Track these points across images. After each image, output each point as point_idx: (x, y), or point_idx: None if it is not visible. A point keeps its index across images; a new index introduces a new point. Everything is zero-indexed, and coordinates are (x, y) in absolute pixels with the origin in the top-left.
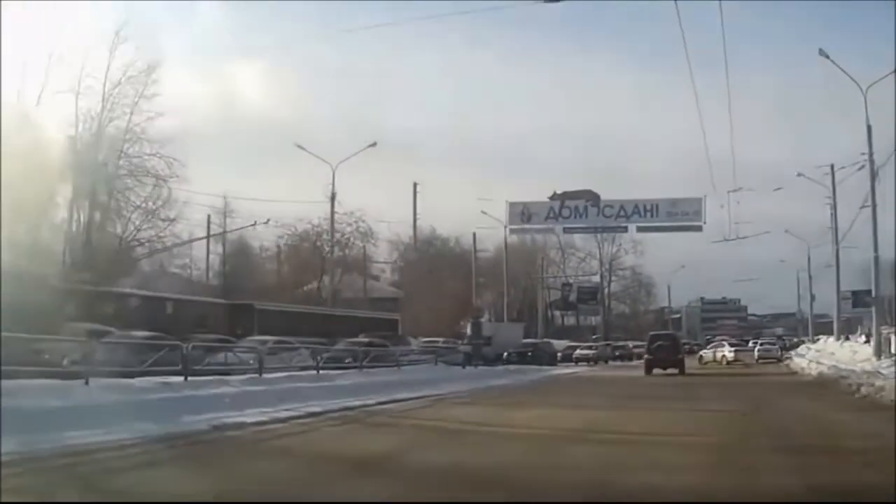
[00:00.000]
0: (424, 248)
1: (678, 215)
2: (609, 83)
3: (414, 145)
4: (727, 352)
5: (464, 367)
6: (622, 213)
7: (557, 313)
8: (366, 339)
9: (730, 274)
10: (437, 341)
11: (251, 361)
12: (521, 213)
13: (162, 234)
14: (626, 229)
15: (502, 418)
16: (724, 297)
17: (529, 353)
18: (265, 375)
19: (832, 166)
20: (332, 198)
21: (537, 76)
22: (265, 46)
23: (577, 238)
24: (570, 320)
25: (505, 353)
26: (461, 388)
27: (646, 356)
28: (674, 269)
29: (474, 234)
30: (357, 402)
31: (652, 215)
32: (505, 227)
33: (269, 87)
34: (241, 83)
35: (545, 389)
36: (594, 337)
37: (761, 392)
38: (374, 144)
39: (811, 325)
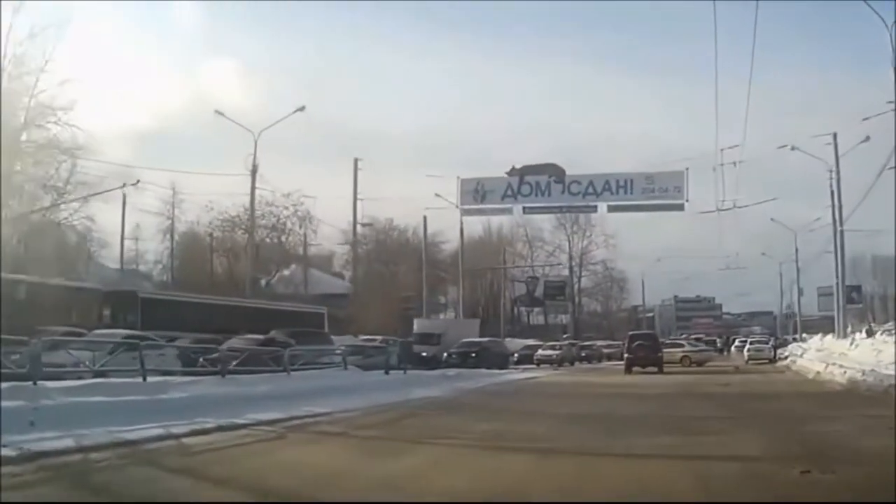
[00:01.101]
0: (380, 239)
1: (656, 192)
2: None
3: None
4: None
5: (387, 371)
6: (591, 189)
7: (526, 311)
8: (261, 337)
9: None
10: (376, 339)
11: (86, 362)
12: (475, 192)
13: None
14: (595, 209)
15: (354, 473)
16: (698, 296)
17: (473, 355)
18: (71, 383)
19: (835, 135)
20: (254, 171)
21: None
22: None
23: (546, 231)
24: (539, 318)
25: (445, 354)
26: (351, 404)
27: (626, 355)
28: (648, 263)
29: (424, 218)
30: (132, 435)
31: (626, 192)
32: (457, 206)
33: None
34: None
35: (475, 406)
36: (565, 336)
37: (788, 409)
38: (301, 109)
39: (799, 321)
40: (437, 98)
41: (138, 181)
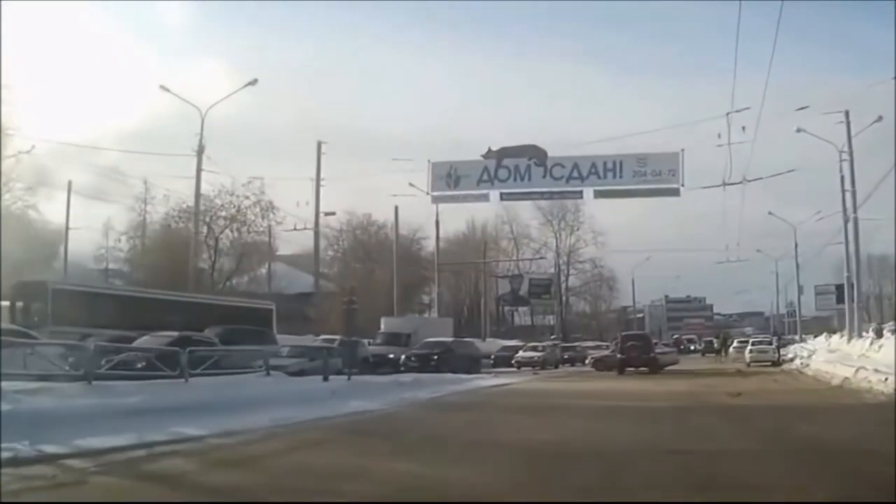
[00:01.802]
0: (358, 235)
1: (648, 175)
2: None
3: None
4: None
5: (325, 378)
6: (575, 173)
7: (510, 311)
8: (175, 335)
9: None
10: (335, 339)
11: None
12: (448, 176)
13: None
14: (580, 194)
15: None
16: (688, 296)
17: (435, 357)
18: None
19: (846, 112)
20: (200, 152)
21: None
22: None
23: (533, 228)
24: (527, 319)
25: (403, 357)
26: (251, 422)
27: (619, 356)
28: (638, 261)
29: (396, 209)
30: None
31: (614, 175)
32: (427, 193)
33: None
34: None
35: (409, 428)
36: (552, 337)
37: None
38: (253, 82)
39: (799, 321)
40: (435, 97)
41: (33, 146)
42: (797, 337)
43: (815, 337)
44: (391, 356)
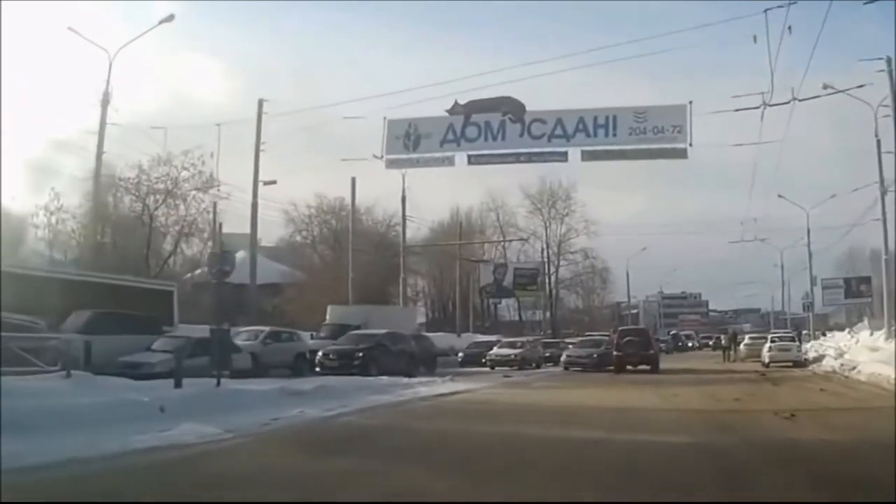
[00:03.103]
0: (327, 220)
1: (648, 133)
2: None
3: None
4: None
5: (178, 383)
6: (559, 131)
7: (504, 306)
8: None
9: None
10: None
11: None
12: (406, 136)
13: None
14: (564, 156)
15: None
16: (683, 292)
17: (360, 355)
18: None
19: (889, 59)
20: (105, 102)
21: None
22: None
23: (520, 216)
24: (519, 313)
25: (320, 354)
26: None
27: (615, 353)
28: (633, 251)
29: (353, 180)
30: None
31: (606, 133)
32: (380, 157)
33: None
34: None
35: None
36: (542, 333)
37: None
38: (169, 19)
39: (812, 317)
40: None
41: None
42: (808, 334)
43: (826, 334)
44: (331, 357)
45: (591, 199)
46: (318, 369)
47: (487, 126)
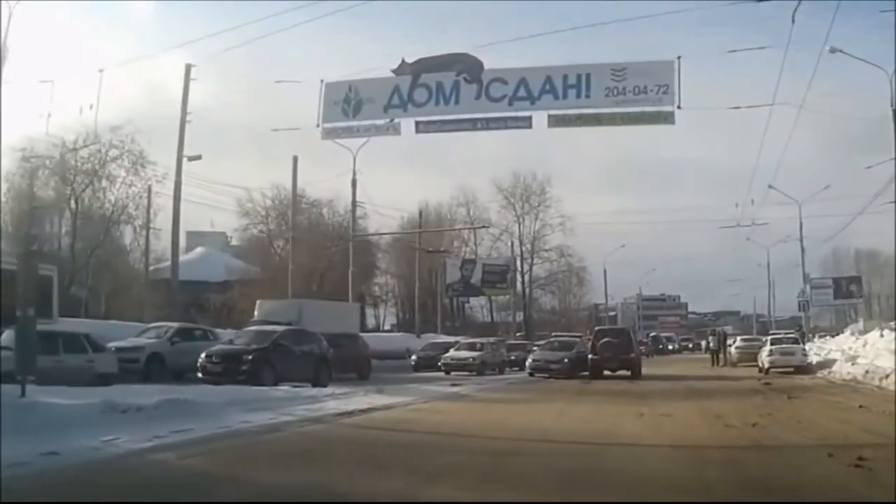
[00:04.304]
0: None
1: (628, 94)
2: None
3: None
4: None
5: None
6: (522, 92)
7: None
8: None
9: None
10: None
11: None
12: (346, 101)
13: None
14: (528, 122)
15: None
16: (662, 294)
17: (249, 358)
18: None
19: None
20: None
21: None
22: None
23: (492, 211)
24: (500, 315)
25: (203, 357)
26: None
27: (590, 356)
28: (611, 251)
29: (295, 159)
30: None
31: (578, 94)
32: (317, 125)
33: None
34: None
35: None
36: (518, 335)
37: None
38: None
39: (805, 317)
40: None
41: None
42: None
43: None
44: (249, 357)
45: (567, 192)
46: (200, 375)
47: (439, 88)
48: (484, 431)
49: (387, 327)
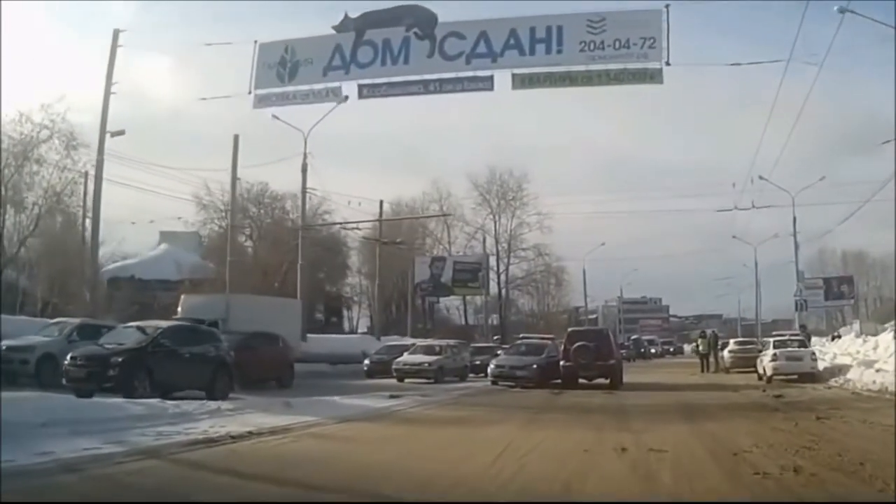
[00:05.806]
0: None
1: (607, 49)
2: None
3: None
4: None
5: None
6: (483, 48)
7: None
8: None
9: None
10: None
11: None
12: (281, 64)
13: None
14: (489, 83)
15: None
16: (644, 297)
17: (118, 361)
18: None
19: None
20: None
21: None
22: None
23: (467, 208)
24: (476, 317)
25: (68, 360)
26: None
27: (563, 362)
28: (590, 249)
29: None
30: None
31: (548, 50)
32: (249, 92)
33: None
34: None
35: None
36: (495, 338)
37: None
38: None
39: (797, 318)
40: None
41: None
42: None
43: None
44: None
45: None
46: (64, 382)
47: (386, 45)
48: (375, 483)
49: (363, 329)
